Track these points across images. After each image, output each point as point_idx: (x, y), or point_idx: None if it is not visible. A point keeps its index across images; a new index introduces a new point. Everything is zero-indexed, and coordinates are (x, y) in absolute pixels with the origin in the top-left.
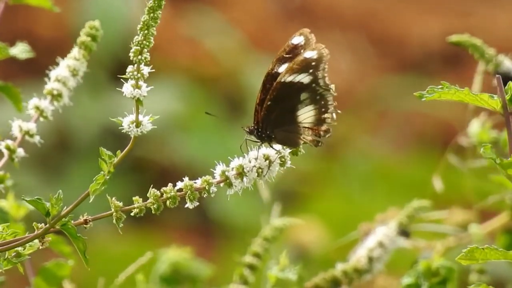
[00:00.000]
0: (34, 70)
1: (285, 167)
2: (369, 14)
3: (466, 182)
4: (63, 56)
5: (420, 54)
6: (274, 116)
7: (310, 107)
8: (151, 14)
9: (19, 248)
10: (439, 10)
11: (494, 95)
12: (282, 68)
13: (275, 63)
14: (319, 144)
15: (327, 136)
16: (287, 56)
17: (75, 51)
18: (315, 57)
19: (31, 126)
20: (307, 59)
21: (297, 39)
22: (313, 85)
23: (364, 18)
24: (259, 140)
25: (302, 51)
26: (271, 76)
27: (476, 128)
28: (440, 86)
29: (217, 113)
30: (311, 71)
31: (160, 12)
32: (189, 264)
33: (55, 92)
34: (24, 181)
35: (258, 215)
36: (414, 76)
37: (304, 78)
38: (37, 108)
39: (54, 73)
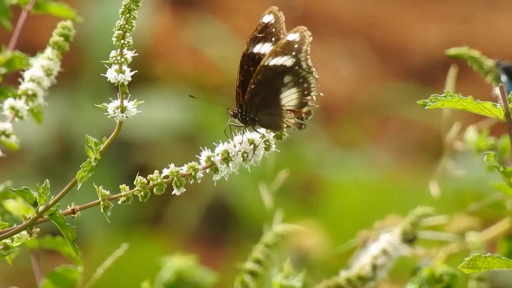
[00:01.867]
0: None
1: (270, 151)
2: (371, 21)
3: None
4: (66, 67)
5: (422, 61)
6: (258, 99)
7: (293, 90)
8: None
9: (7, 240)
10: (440, 16)
11: (497, 104)
12: (257, 48)
13: (249, 43)
14: (302, 127)
15: (308, 118)
16: (259, 35)
17: (48, 51)
18: (297, 39)
19: (7, 126)
20: (289, 42)
21: (267, 18)
22: (296, 67)
23: (366, 25)
24: (243, 124)
25: (273, 29)
26: (247, 57)
27: (473, 135)
28: (444, 94)
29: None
30: (294, 53)
31: None
32: (193, 272)
33: (30, 92)
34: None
35: (261, 223)
36: (416, 84)
37: (287, 61)
38: (12, 108)
39: (28, 73)
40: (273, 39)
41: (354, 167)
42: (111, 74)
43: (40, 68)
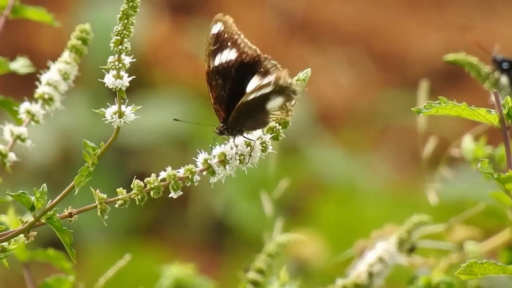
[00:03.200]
0: (35, 85)
1: (266, 153)
2: (370, 30)
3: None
4: None
5: (421, 69)
6: (243, 118)
7: (279, 99)
8: (130, 3)
9: (4, 243)
10: (439, 25)
11: (492, 110)
12: (217, 60)
13: (209, 59)
14: (290, 114)
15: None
16: (215, 47)
17: (66, 55)
18: (274, 81)
19: (23, 130)
20: (268, 85)
21: (216, 27)
22: (276, 90)
23: (365, 34)
24: (231, 136)
25: (225, 35)
26: (212, 73)
27: (469, 144)
28: (438, 101)
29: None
30: (273, 85)
31: (139, 0)
32: (192, 280)
33: (46, 96)
34: None
35: (262, 230)
36: (415, 92)
37: (267, 89)
38: (28, 112)
39: (45, 77)
40: (229, 43)
41: (353, 175)
42: (109, 80)
43: (57, 72)
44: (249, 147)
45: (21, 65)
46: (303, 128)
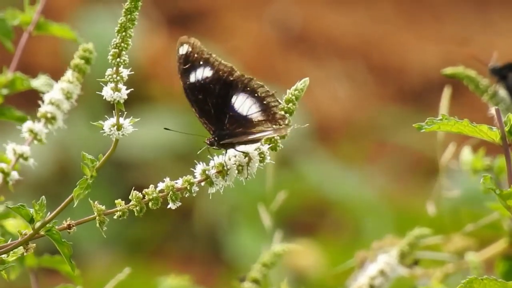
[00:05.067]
0: (33, 100)
1: (264, 163)
2: (368, 43)
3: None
4: None
5: (419, 83)
6: (236, 138)
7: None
8: (128, 16)
9: (3, 256)
10: (437, 38)
11: (493, 127)
12: (193, 77)
13: (184, 78)
14: (286, 129)
15: (286, 122)
16: (187, 66)
17: (69, 74)
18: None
19: (25, 149)
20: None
21: (183, 49)
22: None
23: (363, 46)
24: (222, 148)
25: (195, 55)
26: (190, 89)
27: (468, 156)
28: (439, 118)
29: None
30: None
31: (137, 13)
32: None
33: (49, 115)
34: None
35: (260, 244)
36: (413, 105)
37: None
38: (31, 131)
39: (48, 96)
40: (201, 62)
41: (351, 187)
42: (107, 92)
43: (60, 91)
44: (247, 158)
45: (42, 83)
46: (300, 141)
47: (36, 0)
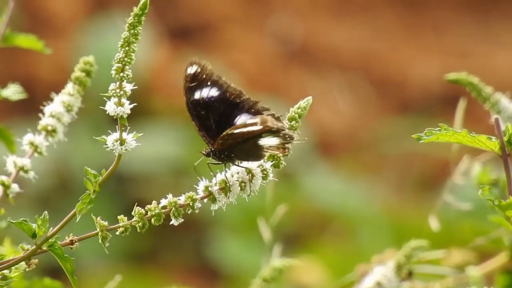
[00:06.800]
0: (35, 113)
1: (267, 180)
2: (369, 56)
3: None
4: None
5: (420, 95)
6: (230, 145)
7: (274, 140)
8: (132, 31)
9: (5, 271)
10: (439, 50)
11: (492, 137)
12: (197, 95)
13: (188, 94)
14: (287, 153)
15: (289, 150)
16: (193, 84)
17: (70, 87)
18: (261, 122)
19: (26, 161)
20: (255, 124)
21: (191, 69)
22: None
23: (364, 60)
24: (219, 161)
25: (203, 76)
26: (192, 104)
27: (476, 170)
28: (438, 128)
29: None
30: (269, 130)
31: (141, 28)
32: None
33: (49, 128)
34: None
35: (259, 257)
36: (415, 118)
37: (257, 127)
38: (31, 144)
39: (48, 109)
40: (208, 83)
41: (352, 200)
42: (110, 107)
43: (60, 103)
44: (250, 174)
45: (13, 92)
46: (301, 155)
47: (3, 12)
